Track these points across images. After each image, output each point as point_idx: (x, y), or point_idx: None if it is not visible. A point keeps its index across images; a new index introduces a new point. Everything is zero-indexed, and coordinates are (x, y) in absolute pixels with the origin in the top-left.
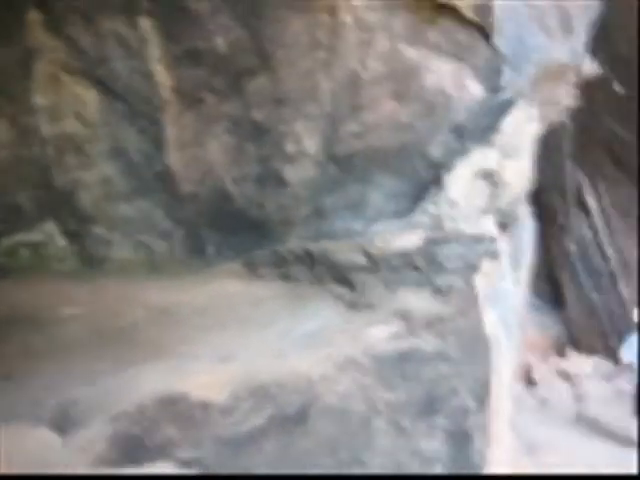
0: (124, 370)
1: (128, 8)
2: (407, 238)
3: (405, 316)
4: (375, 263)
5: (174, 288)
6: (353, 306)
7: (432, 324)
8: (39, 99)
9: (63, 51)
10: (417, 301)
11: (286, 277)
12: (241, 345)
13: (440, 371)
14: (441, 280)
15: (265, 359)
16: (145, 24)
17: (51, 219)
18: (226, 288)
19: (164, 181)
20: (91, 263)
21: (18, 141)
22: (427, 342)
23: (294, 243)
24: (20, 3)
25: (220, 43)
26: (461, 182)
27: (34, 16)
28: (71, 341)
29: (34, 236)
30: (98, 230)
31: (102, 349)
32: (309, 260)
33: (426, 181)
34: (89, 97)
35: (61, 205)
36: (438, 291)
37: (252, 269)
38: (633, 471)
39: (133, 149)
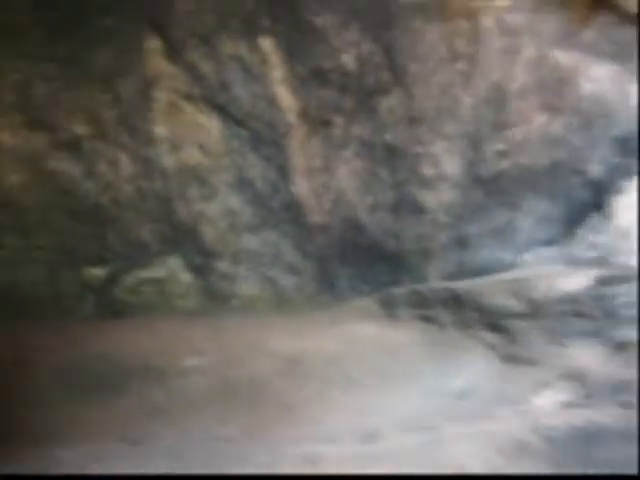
0: (251, 444)
1: (248, 28)
2: (572, 278)
3: (579, 378)
4: (535, 308)
5: (303, 330)
6: (510, 360)
7: (616, 391)
8: (160, 129)
9: (183, 78)
10: (591, 359)
11: (427, 320)
12: (382, 412)
13: (629, 455)
14: (619, 332)
15: (415, 438)
16: (266, 45)
17: (174, 254)
18: (360, 331)
19: (291, 212)
20: (216, 299)
21: (140, 174)
22: (611, 416)
23: (436, 281)
24: (138, 32)
25: (348, 60)
26: (631, 206)
27: (153, 44)
28: (193, 398)
29: (157, 272)
30: (223, 265)
31: (226, 409)
32: (454, 302)
33: (584, 203)
34: (211, 125)
35: (184, 239)
36: (617, 346)
37: (388, 309)
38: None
39: (258, 178)
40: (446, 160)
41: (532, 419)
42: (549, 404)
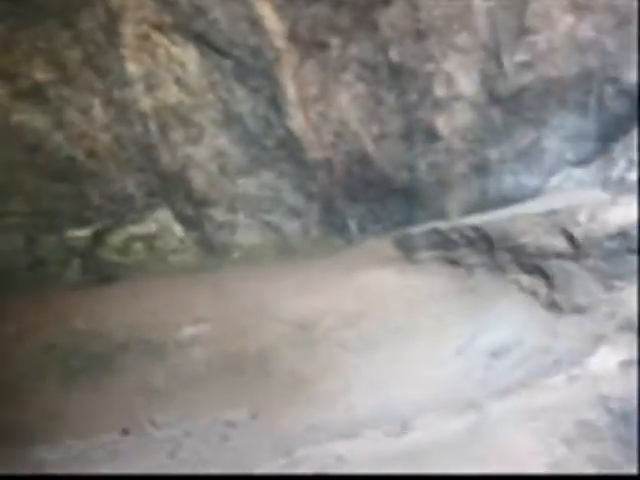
0: (261, 432)
1: None
2: (621, 211)
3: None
4: (579, 247)
5: (312, 284)
6: (553, 307)
7: None
8: (132, 68)
9: (152, 6)
10: None
11: (453, 263)
12: (410, 383)
13: None
14: None
15: (455, 423)
16: None
17: (163, 206)
18: (376, 281)
19: (289, 148)
20: (213, 252)
21: (116, 120)
22: None
23: (457, 216)
24: None
25: None
26: None
27: None
28: (196, 374)
29: (147, 227)
30: (217, 213)
31: (232, 387)
32: (482, 241)
33: (619, 116)
34: (188, 57)
35: (172, 188)
36: None
37: (406, 251)
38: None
39: (247, 114)
40: (460, 77)
41: (592, 388)
42: (608, 365)
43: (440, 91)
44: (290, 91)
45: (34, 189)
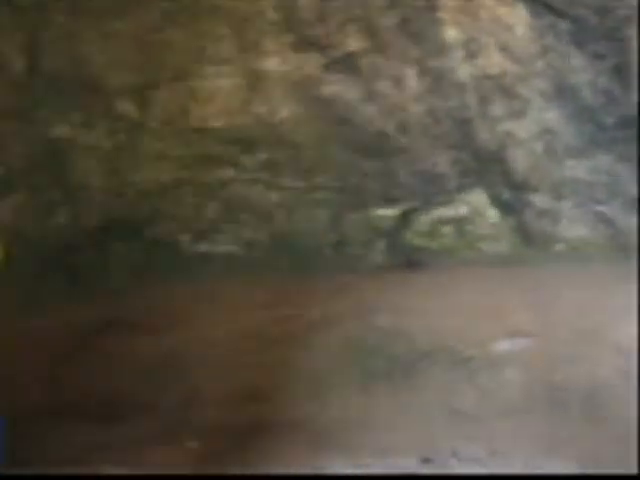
0: None
1: None
2: None
3: None
4: None
5: None
6: None
7: None
8: (451, 32)
9: None
10: None
11: None
12: None
13: None
14: None
15: None
16: None
17: (477, 187)
18: None
19: (633, 128)
20: (532, 243)
21: (431, 91)
22: None
23: None
24: None
25: None
26: None
27: None
28: (509, 402)
29: (458, 209)
30: (539, 198)
31: (554, 426)
32: None
33: None
34: (516, 19)
35: (489, 168)
36: None
37: None
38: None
39: (585, 85)
40: None
41: None
42: None
43: None
44: None
45: (342, 164)
